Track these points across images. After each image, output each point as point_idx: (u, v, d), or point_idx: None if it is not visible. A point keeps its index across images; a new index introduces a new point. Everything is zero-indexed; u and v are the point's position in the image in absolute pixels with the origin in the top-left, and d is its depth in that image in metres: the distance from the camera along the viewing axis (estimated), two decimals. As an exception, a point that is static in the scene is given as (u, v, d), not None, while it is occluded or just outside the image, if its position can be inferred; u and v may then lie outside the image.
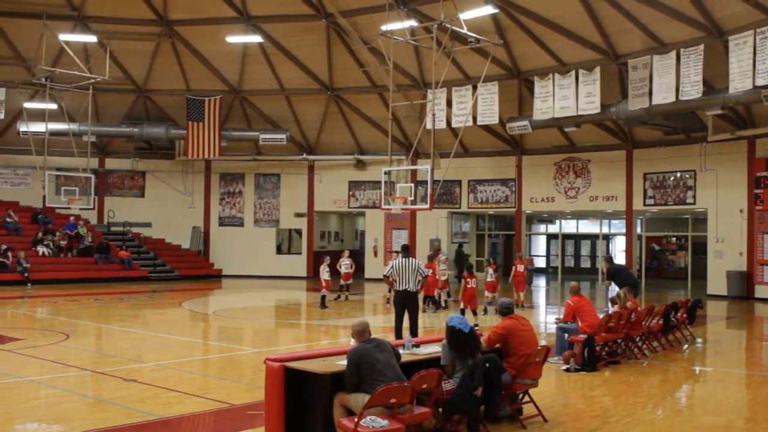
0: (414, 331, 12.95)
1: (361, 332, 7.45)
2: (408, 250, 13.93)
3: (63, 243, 30.38)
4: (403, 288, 13.13)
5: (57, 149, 29.23)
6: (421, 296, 15.95)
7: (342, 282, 23.52)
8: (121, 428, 8.21)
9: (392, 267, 13.31)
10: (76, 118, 30.62)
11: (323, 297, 21.72)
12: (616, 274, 17.41)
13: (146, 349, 14.45)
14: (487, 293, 20.64)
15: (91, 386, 10.86)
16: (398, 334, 13.10)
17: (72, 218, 31.45)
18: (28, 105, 30.61)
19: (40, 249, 29.63)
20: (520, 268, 22.32)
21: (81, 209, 30.31)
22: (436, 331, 15.38)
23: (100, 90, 30.31)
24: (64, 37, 27.95)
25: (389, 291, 20.56)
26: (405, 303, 13.29)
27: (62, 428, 8.36)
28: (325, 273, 22.11)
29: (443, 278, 21.47)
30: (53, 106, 29.74)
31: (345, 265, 23.48)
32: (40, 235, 30.22)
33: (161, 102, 33.17)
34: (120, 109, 33.11)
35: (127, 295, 24.97)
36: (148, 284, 29.44)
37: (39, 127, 29.73)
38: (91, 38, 29.11)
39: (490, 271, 20.85)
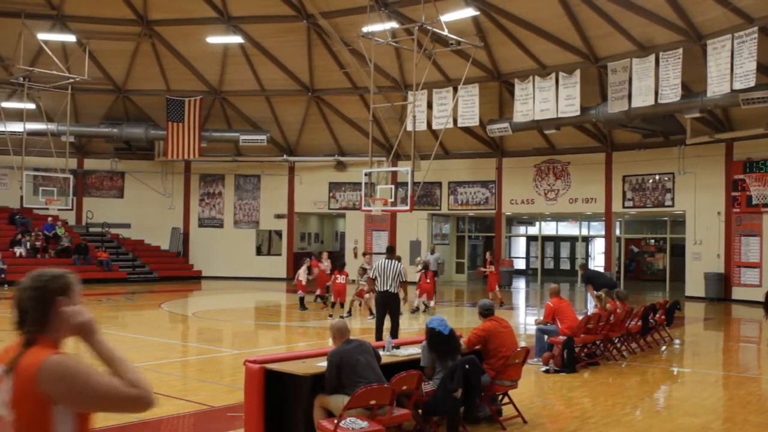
0: (395, 333, 12.97)
1: (341, 334, 7.44)
2: (392, 252, 14.18)
3: (38, 243, 30.11)
4: (384, 289, 13.20)
5: (35, 149, 29.01)
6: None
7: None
8: (99, 430, 8.14)
9: (375, 268, 13.43)
10: (54, 118, 30.39)
11: (301, 299, 21.64)
12: (591, 279, 17.64)
13: (125, 350, 14.23)
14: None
15: (69, 388, 10.75)
16: (379, 335, 13.12)
17: (50, 219, 31.20)
18: (5, 104, 30.35)
19: (17, 250, 29.37)
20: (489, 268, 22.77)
21: (59, 210, 30.11)
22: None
23: (79, 90, 30.12)
24: (42, 36, 27.73)
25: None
26: (386, 304, 13.35)
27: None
28: (302, 275, 22.03)
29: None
30: (31, 105, 29.50)
31: (324, 266, 23.43)
32: (18, 237, 29.95)
33: (141, 102, 32.98)
34: (99, 109, 32.90)
35: (105, 297, 24.78)
36: (127, 286, 29.26)
37: (17, 126, 29.48)
38: (70, 38, 28.91)
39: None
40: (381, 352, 8.14)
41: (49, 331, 2.73)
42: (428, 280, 21.14)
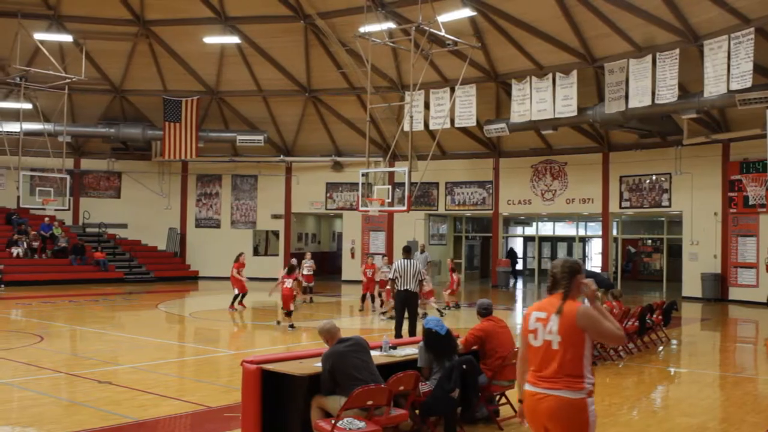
0: (413, 331, 13.26)
1: (331, 335, 7.41)
2: (409, 252, 14.38)
3: (35, 244, 30.05)
4: (404, 288, 13.57)
5: (32, 149, 28.95)
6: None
7: (304, 284, 23.64)
8: (96, 431, 8.14)
9: (395, 269, 13.75)
10: (51, 118, 30.35)
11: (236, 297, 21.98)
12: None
13: (122, 351, 14.34)
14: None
15: (66, 389, 10.76)
16: (398, 333, 13.42)
17: (47, 219, 31.16)
18: (2, 104, 30.36)
19: (14, 250, 29.30)
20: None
21: (56, 210, 30.05)
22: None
23: (75, 90, 30.11)
24: (39, 36, 27.70)
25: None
26: (405, 302, 13.65)
27: (36, 431, 8.27)
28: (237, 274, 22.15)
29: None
30: (28, 105, 29.48)
31: (307, 266, 23.61)
32: (15, 236, 29.89)
33: (138, 102, 32.93)
34: (96, 109, 32.85)
35: (102, 297, 24.77)
36: (123, 286, 29.21)
37: (13, 126, 29.45)
38: (67, 38, 28.87)
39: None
40: (378, 353, 8.15)
41: (572, 292, 4.78)
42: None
